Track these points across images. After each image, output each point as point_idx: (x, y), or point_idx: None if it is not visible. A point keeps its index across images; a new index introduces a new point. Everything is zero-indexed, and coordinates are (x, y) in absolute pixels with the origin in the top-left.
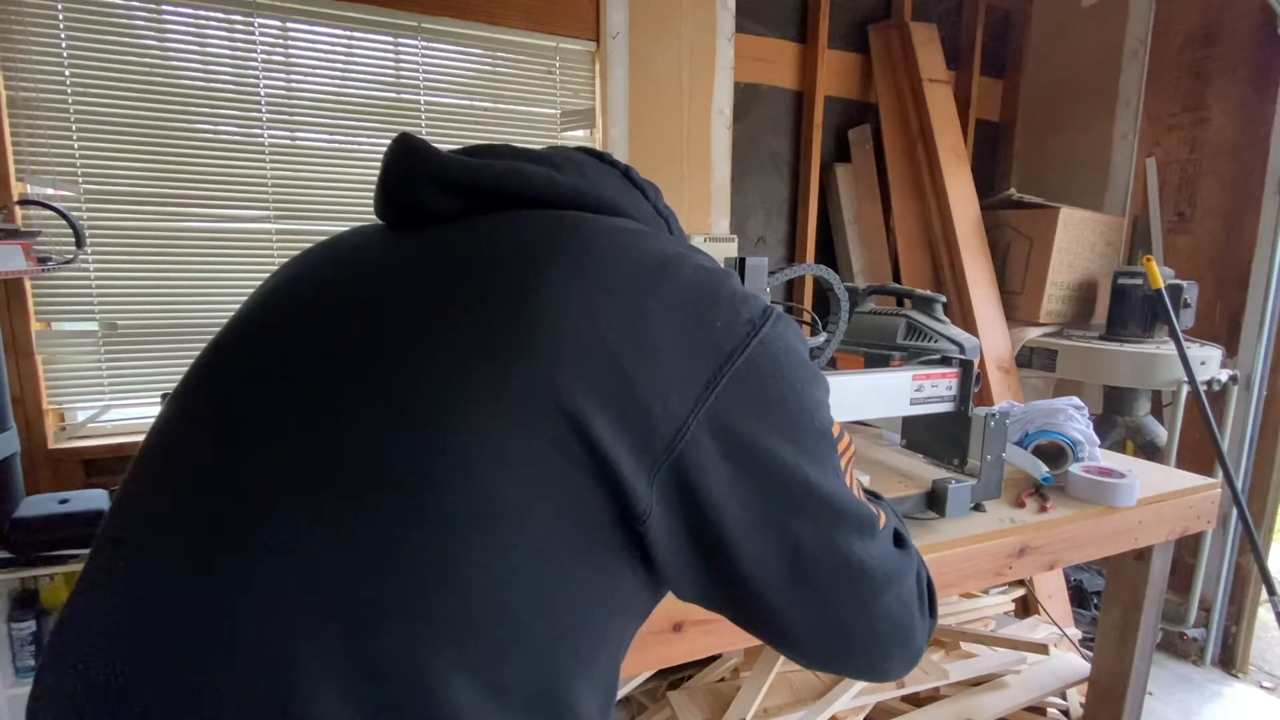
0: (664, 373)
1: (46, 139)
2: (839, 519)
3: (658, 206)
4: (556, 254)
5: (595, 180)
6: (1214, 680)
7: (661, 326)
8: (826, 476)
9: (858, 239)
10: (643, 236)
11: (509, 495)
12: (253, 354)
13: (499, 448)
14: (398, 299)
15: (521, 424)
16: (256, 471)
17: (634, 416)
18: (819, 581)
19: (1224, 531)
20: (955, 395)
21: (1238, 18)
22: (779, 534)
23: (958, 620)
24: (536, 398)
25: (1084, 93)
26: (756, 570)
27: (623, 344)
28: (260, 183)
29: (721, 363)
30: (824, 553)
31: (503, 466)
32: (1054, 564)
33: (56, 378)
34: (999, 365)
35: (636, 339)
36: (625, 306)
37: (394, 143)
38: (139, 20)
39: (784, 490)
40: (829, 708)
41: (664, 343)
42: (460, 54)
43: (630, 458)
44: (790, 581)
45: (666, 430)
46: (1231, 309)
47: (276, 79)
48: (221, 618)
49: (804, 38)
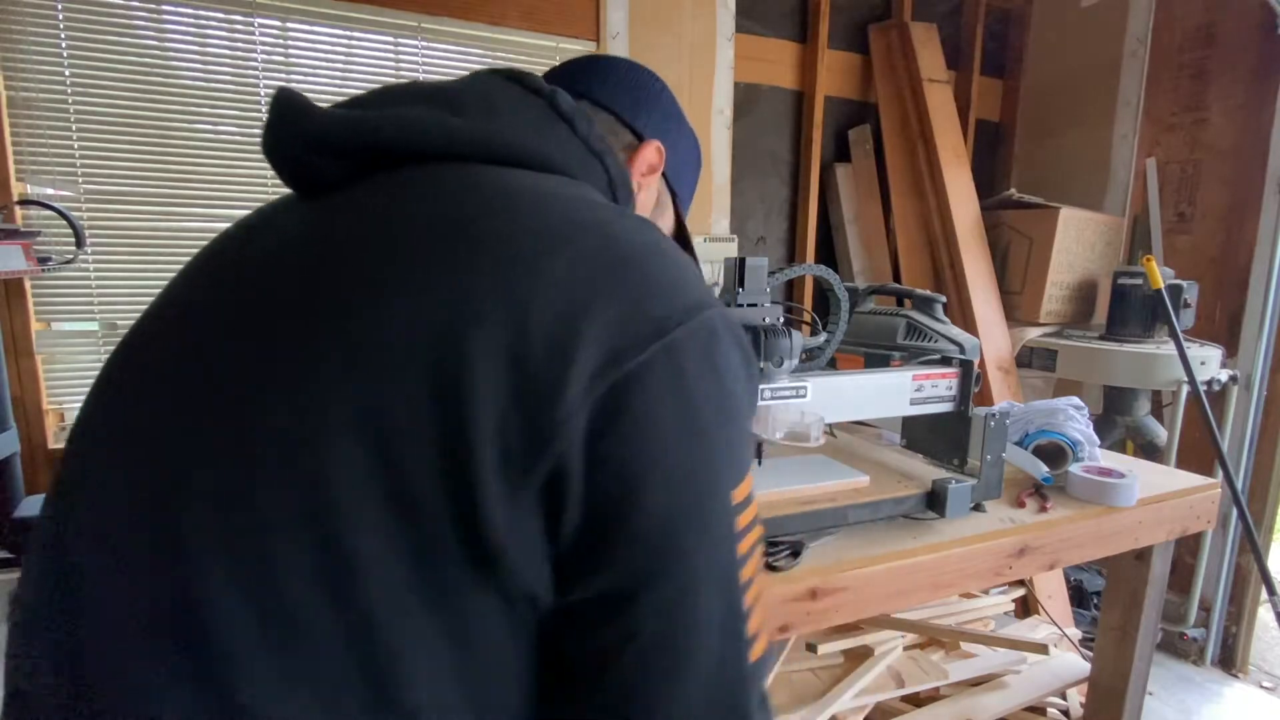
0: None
1: (46, 139)
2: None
3: (589, 141)
4: (428, 240)
5: (507, 121)
6: (1214, 680)
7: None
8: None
9: (858, 239)
10: (542, 202)
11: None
12: (144, 364)
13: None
14: (267, 307)
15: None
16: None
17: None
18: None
19: (1224, 531)
20: (955, 395)
21: (1237, 18)
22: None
23: (958, 620)
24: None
25: (1084, 93)
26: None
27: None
28: (260, 183)
29: (603, 369)
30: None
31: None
32: (1054, 564)
33: (56, 378)
34: (999, 365)
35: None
36: (500, 303)
37: (272, 102)
38: (139, 20)
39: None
40: (829, 708)
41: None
42: (460, 54)
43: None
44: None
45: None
46: (1231, 309)
47: (276, 79)
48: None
49: (804, 38)
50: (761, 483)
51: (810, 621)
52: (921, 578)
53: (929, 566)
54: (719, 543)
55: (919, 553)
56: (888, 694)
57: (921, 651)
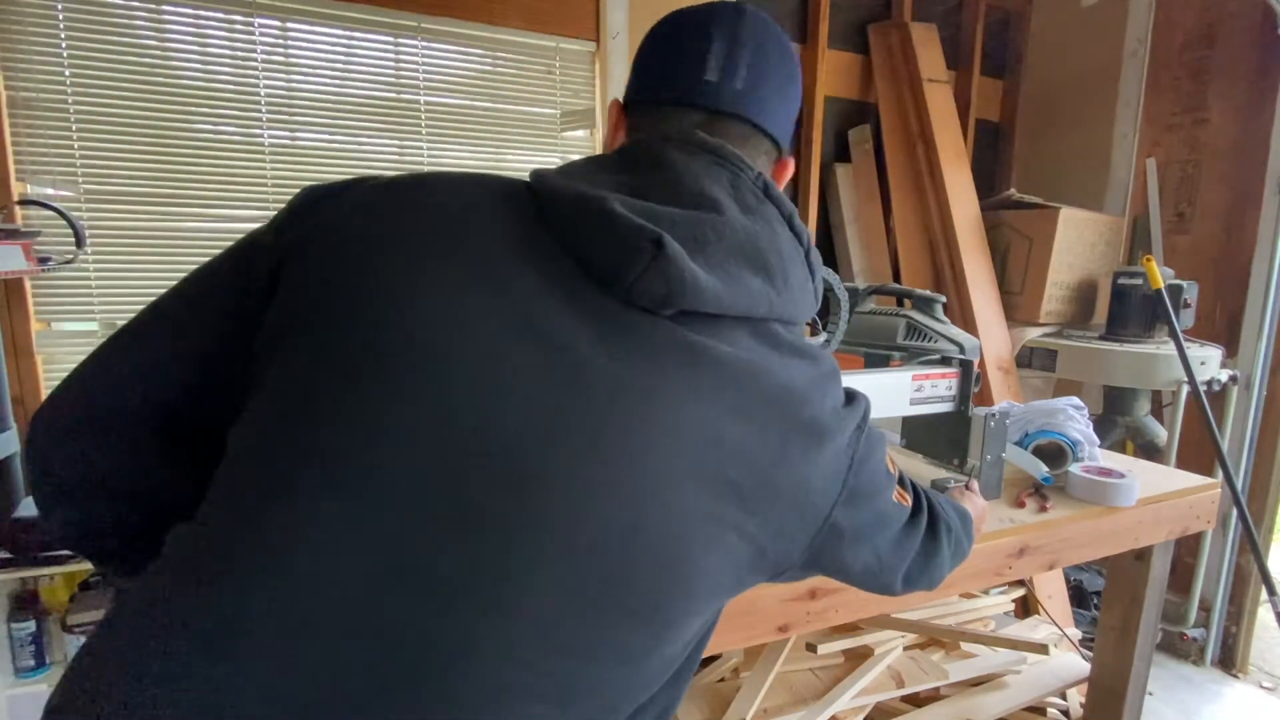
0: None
1: (46, 139)
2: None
3: (816, 290)
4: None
5: (795, 297)
6: (1214, 680)
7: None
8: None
9: (858, 239)
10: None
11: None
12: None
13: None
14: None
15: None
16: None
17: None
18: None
19: (1224, 531)
20: (955, 395)
21: (1237, 18)
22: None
23: (958, 620)
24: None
25: (1084, 93)
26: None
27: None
28: (260, 183)
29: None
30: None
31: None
32: (1054, 564)
33: (56, 378)
34: (999, 365)
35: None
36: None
37: (639, 238)
38: (139, 20)
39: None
40: (829, 708)
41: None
42: (460, 54)
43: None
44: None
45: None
46: (1231, 309)
47: (276, 79)
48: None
49: (804, 38)
50: None
51: (810, 621)
52: None
53: None
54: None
55: None
56: (888, 694)
57: (921, 651)
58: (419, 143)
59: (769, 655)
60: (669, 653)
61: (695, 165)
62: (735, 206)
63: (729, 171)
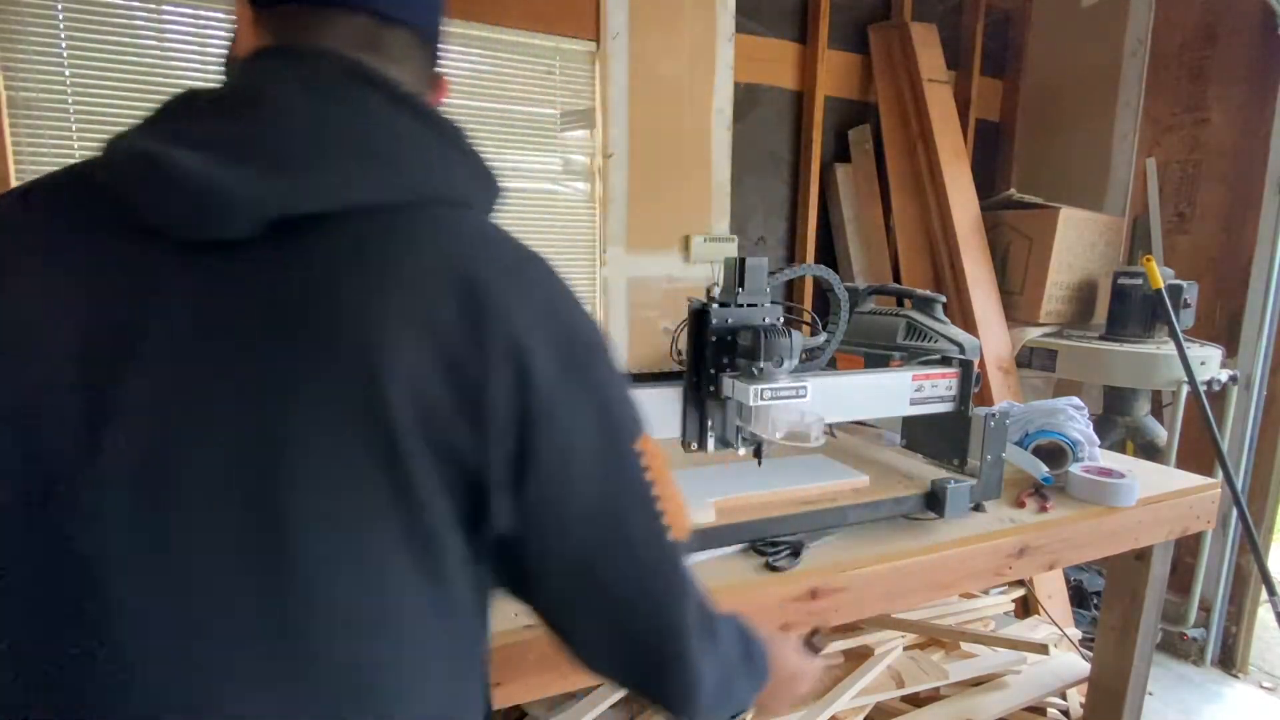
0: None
1: (46, 139)
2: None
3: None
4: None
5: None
6: (1214, 680)
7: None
8: None
9: (858, 239)
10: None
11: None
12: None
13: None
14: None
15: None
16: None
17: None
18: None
19: (1224, 531)
20: (955, 395)
21: (1237, 18)
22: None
23: (958, 620)
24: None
25: (1084, 93)
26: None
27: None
28: None
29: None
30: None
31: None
32: (1054, 564)
33: None
34: (999, 365)
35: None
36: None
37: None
38: (139, 20)
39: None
40: (829, 708)
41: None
42: (460, 54)
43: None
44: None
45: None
46: (1231, 309)
47: None
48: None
49: (804, 38)
50: (762, 483)
51: (810, 621)
52: (921, 578)
53: (929, 567)
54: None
55: (919, 553)
56: (888, 694)
57: (921, 651)
58: None
59: None
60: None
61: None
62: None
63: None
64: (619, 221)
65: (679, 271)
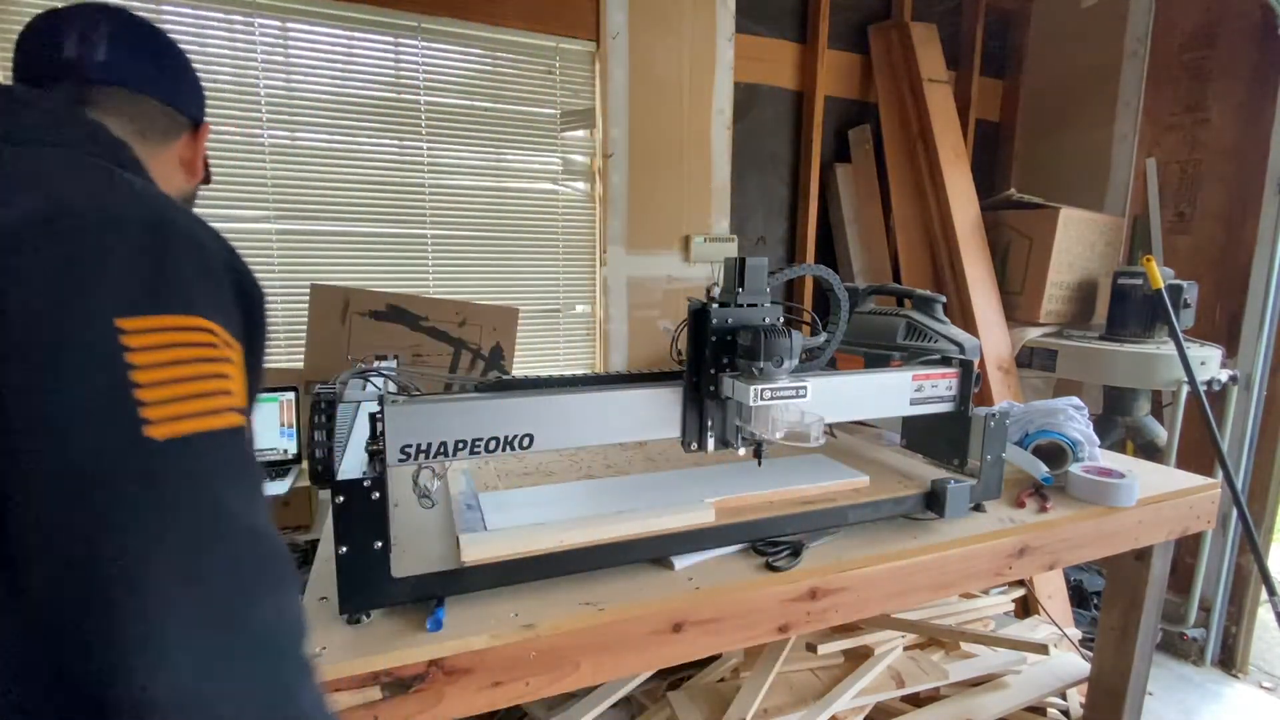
0: None
1: None
2: None
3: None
4: None
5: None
6: (1214, 680)
7: None
8: None
9: (858, 239)
10: None
11: None
12: None
13: None
14: None
15: None
16: None
17: None
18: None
19: (1224, 531)
20: (955, 395)
21: (1237, 18)
22: None
23: (958, 620)
24: None
25: (1084, 93)
26: None
27: None
28: (260, 183)
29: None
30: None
31: None
32: (1054, 564)
33: None
34: (999, 365)
35: None
36: None
37: None
38: None
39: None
40: (829, 708)
41: None
42: (460, 54)
43: None
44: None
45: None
46: (1231, 309)
47: (276, 79)
48: None
49: (804, 38)
50: (762, 483)
51: (810, 621)
52: (921, 578)
53: (929, 567)
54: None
55: (919, 553)
56: (888, 694)
57: (921, 651)
58: (419, 143)
59: (769, 655)
60: None
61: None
62: None
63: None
64: (619, 221)
65: (679, 271)
